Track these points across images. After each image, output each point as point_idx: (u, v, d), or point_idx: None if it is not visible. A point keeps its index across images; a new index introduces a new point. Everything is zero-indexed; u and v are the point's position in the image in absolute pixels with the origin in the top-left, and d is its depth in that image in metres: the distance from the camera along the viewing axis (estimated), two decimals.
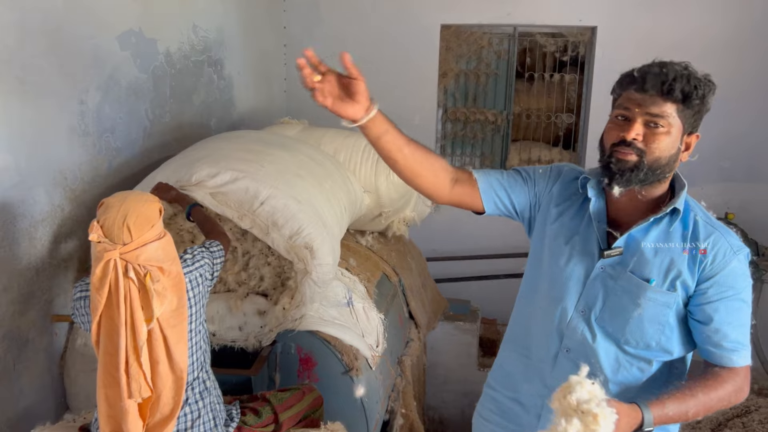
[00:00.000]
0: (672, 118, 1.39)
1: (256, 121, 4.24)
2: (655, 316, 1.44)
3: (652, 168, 1.40)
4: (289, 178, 2.54)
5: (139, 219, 1.71)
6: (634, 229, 1.47)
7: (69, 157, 2.47)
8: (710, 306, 1.42)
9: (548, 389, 1.51)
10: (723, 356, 1.42)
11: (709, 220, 1.48)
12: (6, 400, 2.24)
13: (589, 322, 1.50)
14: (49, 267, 2.40)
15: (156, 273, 1.71)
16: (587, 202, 1.55)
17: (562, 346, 1.54)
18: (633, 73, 1.42)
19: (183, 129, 3.35)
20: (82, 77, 2.52)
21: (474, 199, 1.58)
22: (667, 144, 1.40)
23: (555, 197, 1.61)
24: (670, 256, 1.44)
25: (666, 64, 1.40)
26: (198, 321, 1.88)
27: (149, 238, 1.72)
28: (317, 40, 4.89)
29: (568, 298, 1.53)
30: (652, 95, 1.38)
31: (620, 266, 1.48)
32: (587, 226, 1.54)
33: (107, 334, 1.72)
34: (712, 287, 1.42)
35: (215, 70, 3.74)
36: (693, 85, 1.38)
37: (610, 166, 1.41)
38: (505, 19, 4.74)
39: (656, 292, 1.43)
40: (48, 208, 2.37)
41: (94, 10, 2.58)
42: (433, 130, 5.05)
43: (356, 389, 2.43)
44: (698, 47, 4.50)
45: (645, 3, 4.53)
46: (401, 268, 3.51)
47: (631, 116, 1.40)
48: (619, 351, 1.49)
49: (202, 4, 3.55)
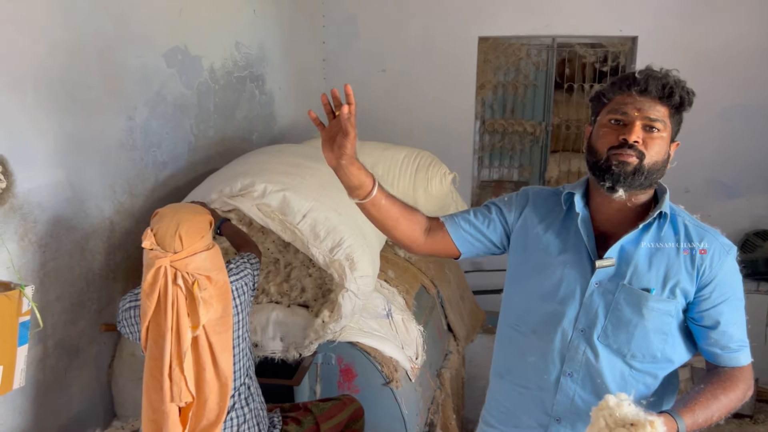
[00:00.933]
0: (666, 123, 1.39)
1: (296, 134, 4.31)
2: (659, 326, 1.42)
3: (651, 171, 1.38)
4: (330, 191, 2.57)
5: (191, 229, 1.80)
6: (624, 239, 1.43)
7: (118, 171, 2.55)
8: (715, 310, 1.41)
9: (550, 417, 1.49)
10: (731, 357, 1.43)
11: (696, 222, 1.47)
12: (58, 407, 2.32)
13: (590, 341, 1.45)
14: (98, 278, 2.47)
15: (203, 281, 1.77)
16: (569, 218, 1.51)
17: (564, 370, 1.48)
18: (633, 75, 1.40)
19: (226, 143, 3.43)
20: (130, 94, 2.61)
21: (447, 245, 1.57)
22: (662, 148, 1.39)
23: (530, 220, 1.56)
24: (665, 263, 1.42)
25: (663, 70, 1.41)
26: (243, 329, 1.93)
27: (199, 248, 1.80)
28: (355, 55, 4.96)
29: (565, 318, 1.46)
30: (652, 99, 1.38)
31: (616, 279, 1.43)
32: (576, 242, 1.48)
33: (154, 339, 1.79)
34: (715, 291, 1.41)
35: (257, 85, 3.82)
36: (687, 92, 1.40)
37: (612, 169, 1.37)
38: (543, 31, 4.73)
39: (658, 301, 1.41)
40: (98, 221, 2.45)
41: (142, 29, 2.67)
42: (470, 142, 5.05)
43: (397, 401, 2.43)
44: (745, 55, 4.42)
45: (687, 12, 4.47)
46: (439, 280, 3.52)
47: (629, 120, 1.38)
48: (625, 367, 1.45)
49: (245, 22, 3.63)
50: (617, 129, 1.39)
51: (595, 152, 1.42)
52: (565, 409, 1.48)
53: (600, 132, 1.42)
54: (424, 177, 3.54)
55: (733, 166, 4.62)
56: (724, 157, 4.63)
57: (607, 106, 1.44)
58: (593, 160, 1.42)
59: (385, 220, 1.50)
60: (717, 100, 4.54)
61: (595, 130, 1.45)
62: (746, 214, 4.66)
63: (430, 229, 1.56)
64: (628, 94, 1.39)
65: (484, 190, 5.26)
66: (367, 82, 5.00)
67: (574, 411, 1.48)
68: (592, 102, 1.49)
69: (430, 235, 1.56)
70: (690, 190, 4.71)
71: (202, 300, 1.74)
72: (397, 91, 4.97)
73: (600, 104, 1.46)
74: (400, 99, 4.97)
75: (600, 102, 1.46)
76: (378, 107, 5.00)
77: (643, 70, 1.40)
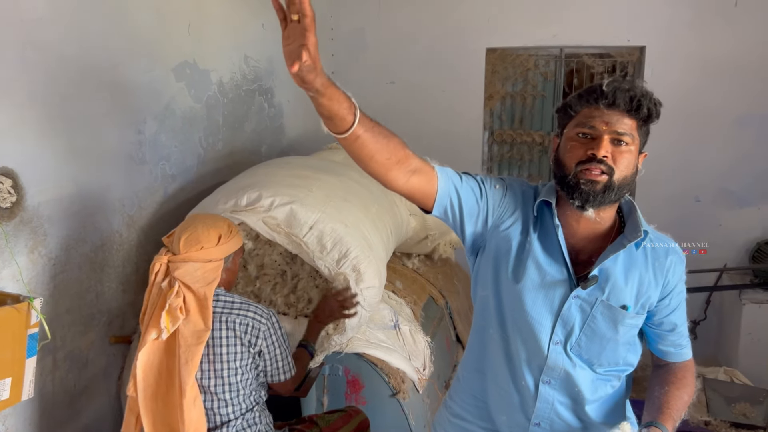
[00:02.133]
0: (634, 136, 1.37)
1: (305, 147, 4.34)
2: (628, 339, 1.46)
3: (620, 187, 1.36)
4: (337, 203, 2.58)
5: (191, 237, 1.86)
6: (608, 260, 1.41)
7: (127, 184, 2.58)
8: (674, 314, 1.47)
9: (529, 422, 1.50)
10: (682, 353, 1.51)
11: (657, 235, 1.48)
12: (67, 419, 2.34)
13: (566, 351, 1.45)
14: (108, 290, 2.50)
15: (182, 290, 1.82)
16: (544, 227, 1.47)
17: (542, 378, 1.47)
18: (600, 87, 1.35)
19: (235, 156, 3.46)
20: (139, 108, 2.65)
21: (427, 198, 1.40)
22: (631, 162, 1.37)
23: (512, 224, 1.47)
24: (638, 278, 1.43)
25: (628, 81, 1.37)
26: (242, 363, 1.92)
27: (193, 257, 1.84)
28: (364, 67, 4.99)
29: (542, 330, 1.44)
30: (620, 112, 1.35)
31: (595, 293, 1.42)
32: (554, 254, 1.44)
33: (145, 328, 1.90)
34: (674, 298, 1.46)
35: (266, 98, 3.85)
36: (654, 103, 1.37)
37: (580, 187, 1.34)
38: (551, 41, 4.73)
39: (632, 318, 1.43)
40: (107, 234, 2.48)
41: (151, 45, 2.71)
42: (479, 153, 5.05)
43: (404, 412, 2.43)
44: (755, 64, 4.40)
45: (695, 22, 4.46)
46: (448, 291, 3.51)
47: (597, 134, 1.35)
48: (593, 374, 1.47)
49: (253, 35, 3.67)
50: (585, 143, 1.36)
51: (562, 166, 1.39)
52: (545, 415, 1.49)
53: (568, 146, 1.39)
54: None
55: (744, 175, 4.58)
56: (734, 165, 4.60)
57: (574, 118, 1.40)
58: (561, 174, 1.39)
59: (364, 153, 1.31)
60: (728, 109, 4.52)
61: (563, 143, 1.42)
62: (758, 224, 4.62)
63: (415, 171, 1.35)
64: (595, 107, 1.36)
65: None
66: (376, 94, 5.02)
67: (555, 415, 1.49)
68: (559, 113, 1.46)
69: (416, 177, 1.36)
70: (701, 200, 4.68)
71: (169, 307, 1.79)
72: (406, 103, 4.99)
73: (567, 116, 1.43)
74: (409, 110, 4.99)
75: (567, 114, 1.42)
76: (387, 119, 4.94)
77: (611, 81, 1.36)
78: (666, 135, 4.66)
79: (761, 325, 4.20)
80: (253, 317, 1.92)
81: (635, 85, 1.36)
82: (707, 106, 4.55)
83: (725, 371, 3.99)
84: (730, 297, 4.44)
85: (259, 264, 2.58)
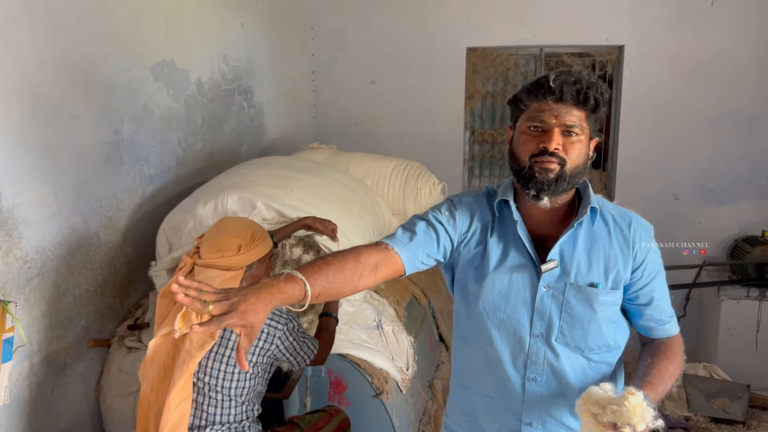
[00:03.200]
0: (583, 126, 1.41)
1: (286, 146, 4.31)
2: (609, 316, 1.46)
3: (572, 175, 1.41)
4: (318, 203, 2.57)
5: (212, 244, 1.87)
6: (562, 239, 1.45)
7: (104, 186, 2.54)
8: (649, 287, 1.48)
9: (521, 422, 1.50)
10: (665, 329, 1.52)
11: (619, 209, 1.52)
12: (45, 425, 2.29)
13: (549, 344, 1.46)
14: (86, 293, 2.46)
15: None
16: (504, 225, 1.51)
17: (527, 376, 1.48)
18: (547, 83, 1.40)
19: (214, 156, 3.42)
20: (117, 108, 2.61)
21: (398, 273, 1.45)
22: (582, 151, 1.42)
23: (473, 233, 1.52)
24: (603, 255, 1.46)
25: (574, 73, 1.42)
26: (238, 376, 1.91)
27: (214, 264, 1.85)
28: (345, 67, 4.98)
29: (520, 326, 1.46)
30: (568, 105, 1.39)
31: (563, 279, 1.45)
32: (517, 249, 1.48)
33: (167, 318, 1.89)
34: (646, 270, 1.47)
35: (245, 98, 3.82)
36: (600, 93, 1.41)
37: (535, 177, 1.39)
38: (530, 41, 4.76)
39: (605, 293, 1.44)
40: (85, 236, 2.44)
41: (129, 44, 2.67)
42: (460, 152, 5.07)
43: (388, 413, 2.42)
44: (732, 64, 4.46)
45: (673, 21, 4.51)
46: (431, 291, 3.51)
47: (548, 127, 1.39)
48: (584, 360, 1.47)
49: (232, 35, 3.64)
50: (537, 136, 1.41)
51: (517, 160, 1.44)
52: (534, 413, 1.49)
53: (520, 139, 1.44)
54: (413, 188, 3.55)
55: (722, 173, 4.65)
56: (712, 164, 4.66)
57: (525, 112, 1.45)
58: (516, 167, 1.45)
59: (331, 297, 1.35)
60: (706, 108, 4.58)
61: (516, 136, 1.47)
62: (735, 221, 4.68)
63: (378, 265, 1.39)
64: (544, 102, 1.41)
65: None
66: (357, 93, 5.02)
67: (544, 412, 1.49)
68: (510, 106, 1.51)
69: (380, 270, 1.40)
70: (679, 198, 4.74)
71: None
72: (387, 103, 4.99)
73: (518, 110, 1.47)
74: (390, 110, 4.99)
75: (518, 108, 1.47)
76: (367, 119, 5.02)
77: (557, 76, 1.40)
78: (645, 134, 4.71)
79: (739, 321, 4.26)
80: (269, 323, 1.92)
81: (581, 78, 1.40)
82: (685, 105, 4.60)
83: (705, 367, 4.04)
84: (709, 294, 4.49)
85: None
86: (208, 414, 1.89)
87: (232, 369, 1.88)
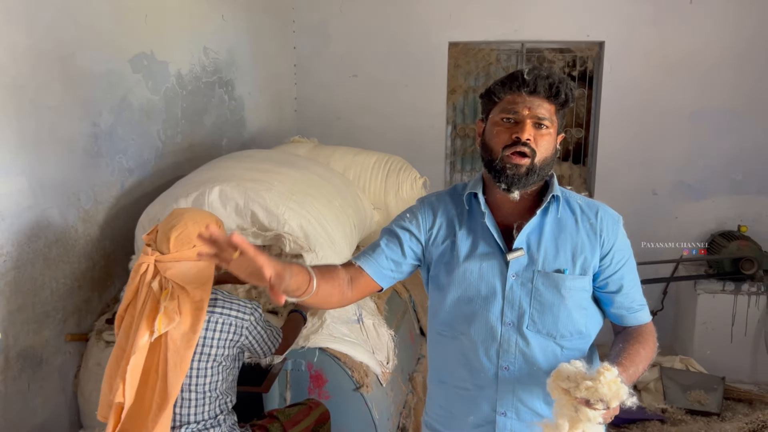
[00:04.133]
0: (553, 120, 1.47)
1: (266, 140, 4.29)
2: (579, 302, 1.50)
3: (542, 167, 1.45)
4: (299, 198, 2.56)
5: (182, 235, 1.79)
6: (527, 227, 1.49)
7: (83, 178, 2.51)
8: (618, 274, 1.51)
9: (495, 413, 1.52)
10: (636, 317, 1.55)
11: (586, 200, 1.57)
12: (21, 419, 2.27)
13: (521, 332, 1.49)
14: (63, 287, 2.43)
15: (176, 291, 1.74)
16: (473, 218, 1.56)
17: (500, 365, 1.50)
18: (522, 75, 1.45)
19: (194, 149, 3.40)
20: (95, 100, 2.58)
21: (372, 286, 1.58)
22: (551, 144, 1.47)
23: (441, 227, 1.58)
24: (570, 242, 1.50)
25: (545, 68, 1.49)
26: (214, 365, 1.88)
27: (185, 257, 1.78)
28: (326, 60, 4.96)
29: (491, 315, 1.50)
30: (540, 98, 1.45)
31: (531, 267, 1.49)
32: (486, 240, 1.53)
33: (125, 329, 1.79)
34: (614, 257, 1.51)
35: (226, 90, 3.80)
36: (570, 89, 1.48)
37: (506, 171, 1.44)
38: (512, 36, 4.78)
39: (573, 279, 1.48)
40: (62, 229, 2.41)
41: (107, 35, 2.64)
42: (442, 147, 5.08)
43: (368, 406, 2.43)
44: (709, 60, 4.52)
45: (652, 18, 4.55)
46: (411, 284, 3.52)
47: (520, 118, 1.44)
48: (557, 347, 1.50)
49: (213, 27, 3.61)
50: (510, 128, 1.46)
51: (489, 150, 1.48)
52: (508, 403, 1.51)
53: (494, 131, 1.48)
54: (395, 182, 3.55)
55: (699, 169, 4.71)
56: (690, 160, 4.72)
57: (498, 104, 1.49)
58: (488, 158, 1.49)
59: (320, 304, 1.53)
60: (684, 104, 4.64)
61: (488, 127, 1.51)
62: (712, 216, 4.75)
63: (351, 279, 1.53)
64: (518, 94, 1.46)
65: None
66: (339, 87, 5.01)
67: (517, 401, 1.51)
68: (483, 99, 1.55)
69: (354, 285, 1.54)
70: (657, 193, 4.79)
71: (165, 310, 1.72)
72: (369, 97, 4.98)
73: (491, 102, 1.51)
74: (372, 104, 4.98)
75: (491, 100, 1.51)
76: (349, 112, 5.01)
77: (531, 70, 1.46)
78: (624, 129, 4.76)
79: (715, 314, 4.33)
80: (236, 315, 1.90)
81: (553, 73, 1.47)
82: (664, 101, 4.66)
83: (681, 360, 4.10)
84: (685, 288, 4.56)
85: None
86: (181, 416, 1.87)
87: (204, 365, 1.86)
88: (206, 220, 1.86)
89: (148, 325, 1.74)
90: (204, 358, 1.86)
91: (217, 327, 1.87)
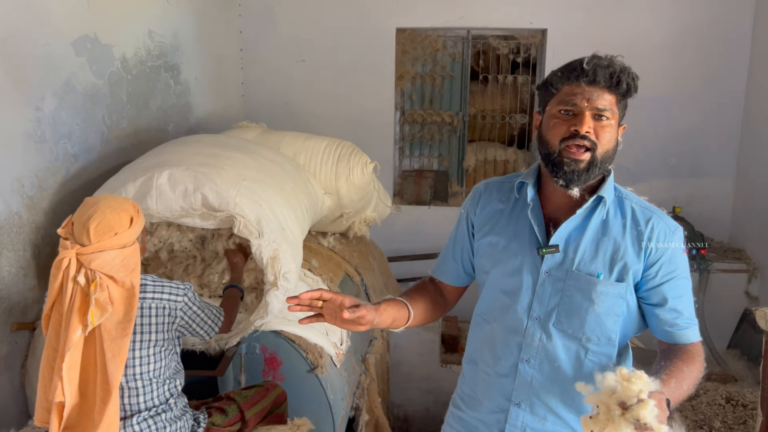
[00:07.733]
0: (614, 111, 1.40)
1: (213, 125, 4.24)
2: (611, 308, 1.43)
3: (603, 161, 1.40)
4: (250, 182, 2.56)
5: (101, 225, 1.72)
6: (568, 225, 1.45)
7: (26, 164, 2.45)
8: (662, 288, 1.43)
9: (510, 402, 1.52)
10: (681, 334, 1.44)
11: (644, 204, 1.49)
12: None
13: (545, 328, 1.47)
14: (8, 275, 2.37)
15: (105, 281, 1.71)
16: (520, 207, 1.53)
17: (521, 356, 1.50)
18: (581, 65, 1.39)
19: (140, 134, 3.34)
20: (37, 84, 2.51)
21: (457, 291, 1.74)
22: (612, 135, 1.41)
23: (485, 214, 1.59)
24: (612, 247, 1.43)
25: (608, 57, 1.41)
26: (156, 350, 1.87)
27: (108, 246, 1.72)
28: (273, 45, 4.93)
29: (519, 307, 1.49)
30: (600, 88, 1.38)
31: (565, 266, 1.45)
32: (527, 231, 1.50)
33: (54, 327, 1.74)
34: (661, 269, 1.42)
35: (172, 75, 3.73)
36: (632, 78, 1.41)
37: (564, 168, 1.38)
38: (458, 23, 4.84)
39: (606, 285, 1.42)
40: (5, 216, 2.35)
41: (46, 16, 2.56)
42: (391, 133, 5.12)
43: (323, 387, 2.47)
44: (646, 48, 4.68)
45: (593, 6, 4.69)
46: (363, 268, 3.57)
47: (579, 110, 1.38)
48: (581, 349, 1.46)
49: (157, 10, 3.54)
50: (568, 120, 1.39)
51: (546, 144, 1.42)
52: (523, 394, 1.51)
53: (551, 123, 1.42)
54: (345, 166, 3.57)
55: (636, 153, 4.89)
56: (627, 144, 4.84)
57: (555, 96, 1.43)
58: (545, 151, 1.43)
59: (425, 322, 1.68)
60: None
61: (545, 120, 1.45)
62: (648, 197, 4.93)
63: (439, 290, 1.72)
64: (576, 85, 1.39)
65: (405, 179, 5.35)
66: (286, 72, 4.98)
67: (533, 395, 1.50)
68: (540, 91, 1.49)
69: (445, 293, 1.72)
70: None
71: (96, 302, 1.68)
72: (317, 82, 4.97)
73: (548, 94, 1.45)
74: (320, 89, 4.98)
75: (548, 92, 1.45)
76: (298, 98, 5.00)
77: (591, 59, 1.39)
78: None
79: None
80: (168, 298, 1.88)
81: (614, 62, 1.40)
82: None
83: None
84: None
85: (169, 250, 2.53)
86: (130, 405, 1.85)
87: (147, 352, 1.84)
88: (123, 206, 1.80)
89: (81, 320, 1.70)
90: (144, 345, 1.84)
91: (152, 312, 1.85)
